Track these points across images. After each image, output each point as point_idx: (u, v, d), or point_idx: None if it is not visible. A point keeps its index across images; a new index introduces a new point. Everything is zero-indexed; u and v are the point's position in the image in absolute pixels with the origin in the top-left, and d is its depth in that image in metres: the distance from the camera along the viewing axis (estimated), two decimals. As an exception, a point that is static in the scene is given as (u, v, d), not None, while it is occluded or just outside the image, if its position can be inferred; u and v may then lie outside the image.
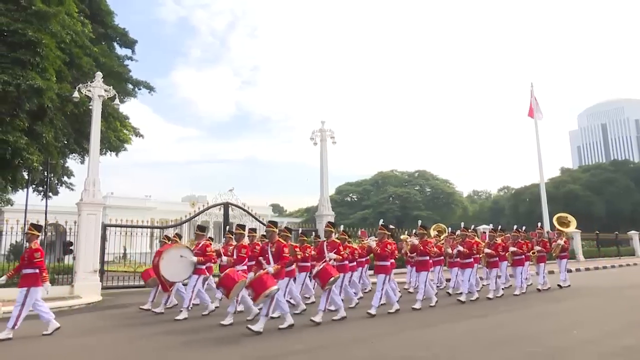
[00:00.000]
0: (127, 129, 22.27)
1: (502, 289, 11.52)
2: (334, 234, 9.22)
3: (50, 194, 22.91)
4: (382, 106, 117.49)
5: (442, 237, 12.91)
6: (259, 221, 17.00)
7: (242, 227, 9.65)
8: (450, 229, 14.39)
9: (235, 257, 9.18)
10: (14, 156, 16.71)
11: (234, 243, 9.74)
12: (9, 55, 15.05)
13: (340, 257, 8.79)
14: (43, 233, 15.34)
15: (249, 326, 7.14)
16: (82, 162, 22.56)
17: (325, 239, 9.21)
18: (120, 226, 15.78)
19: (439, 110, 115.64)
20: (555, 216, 14.80)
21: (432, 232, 14.52)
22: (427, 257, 10.11)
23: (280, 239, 7.81)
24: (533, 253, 12.76)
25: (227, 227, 15.14)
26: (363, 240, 12.27)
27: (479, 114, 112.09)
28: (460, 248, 10.80)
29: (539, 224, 13.95)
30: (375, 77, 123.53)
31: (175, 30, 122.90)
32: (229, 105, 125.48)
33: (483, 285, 12.87)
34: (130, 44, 23.17)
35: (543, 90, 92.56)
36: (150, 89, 23.32)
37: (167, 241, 10.68)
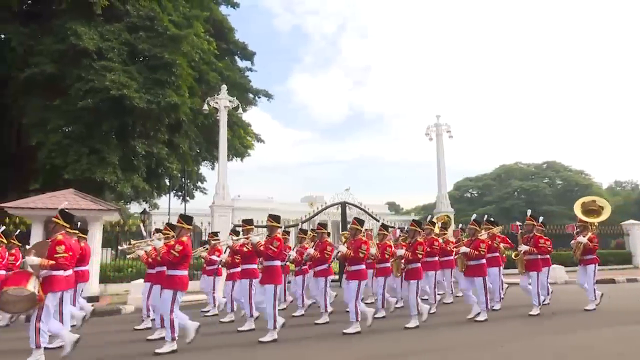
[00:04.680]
0: (249, 135, 23.93)
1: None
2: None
3: (187, 198, 25.49)
4: (502, 94, 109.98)
5: (448, 231, 10.84)
6: (375, 220, 17.02)
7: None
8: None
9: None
10: (158, 165, 19.03)
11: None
12: (150, 77, 17.12)
13: (49, 263, 5.58)
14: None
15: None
16: (213, 168, 24.78)
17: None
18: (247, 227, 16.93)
19: (569, 94, 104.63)
20: (579, 201, 9.78)
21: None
22: (326, 265, 8.10)
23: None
24: (516, 255, 8.95)
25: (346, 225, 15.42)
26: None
27: (620, 92, 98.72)
28: (343, 249, 7.58)
29: (528, 212, 9.31)
30: (493, 63, 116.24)
31: (290, 39, 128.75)
32: (342, 107, 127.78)
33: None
34: (249, 56, 24.86)
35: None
36: (268, 96, 24.79)
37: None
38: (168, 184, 23.10)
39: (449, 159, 20.14)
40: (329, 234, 9.81)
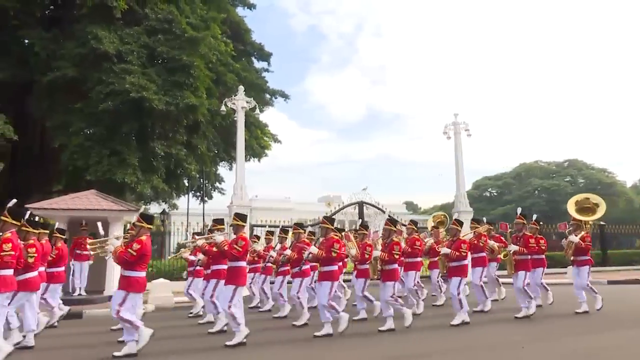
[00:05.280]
0: (267, 136, 24.05)
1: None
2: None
3: (205, 198, 25.73)
4: (522, 91, 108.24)
5: (442, 231, 10.45)
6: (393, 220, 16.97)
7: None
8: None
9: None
10: (176, 166, 19.27)
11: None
12: (169, 79, 17.35)
13: None
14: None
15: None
16: (230, 169, 24.96)
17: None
18: (264, 226, 17.03)
19: (591, 90, 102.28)
20: (572, 199, 9.33)
21: (430, 224, 11.48)
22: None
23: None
24: (505, 256, 8.68)
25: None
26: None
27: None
28: (314, 250, 7.12)
29: (518, 210, 9.02)
30: (512, 60, 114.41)
31: (306, 39, 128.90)
32: (359, 106, 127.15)
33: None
34: (266, 57, 24.98)
35: None
36: (285, 97, 24.90)
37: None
38: (187, 184, 23.35)
39: (467, 158, 19.96)
40: (313, 234, 9.63)
